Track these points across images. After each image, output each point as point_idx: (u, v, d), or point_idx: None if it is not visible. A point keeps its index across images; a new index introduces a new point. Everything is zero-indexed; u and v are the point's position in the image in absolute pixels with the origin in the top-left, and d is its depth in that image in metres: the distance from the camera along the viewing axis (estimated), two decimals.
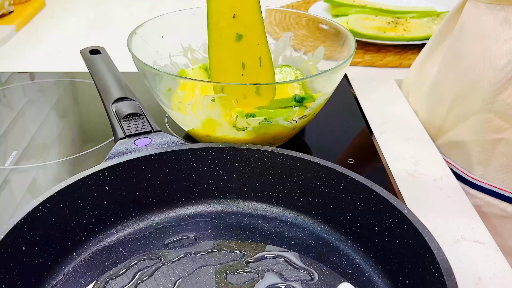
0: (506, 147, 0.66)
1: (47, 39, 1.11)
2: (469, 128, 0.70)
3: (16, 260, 0.44)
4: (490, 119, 0.67)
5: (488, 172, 0.69)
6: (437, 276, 0.41)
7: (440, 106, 0.75)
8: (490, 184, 0.69)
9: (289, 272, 0.49)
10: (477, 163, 0.70)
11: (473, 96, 0.68)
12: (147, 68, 0.62)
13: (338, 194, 0.53)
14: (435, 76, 0.77)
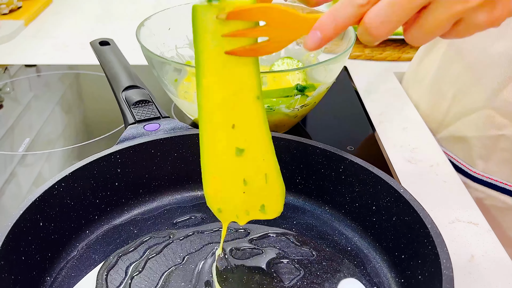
0: (507, 143, 0.68)
1: (55, 33, 1.14)
2: (470, 124, 0.72)
3: (34, 235, 0.47)
4: (492, 116, 0.69)
5: (489, 166, 0.71)
6: (430, 248, 0.43)
7: (441, 101, 0.77)
8: (491, 178, 0.71)
9: (291, 249, 0.52)
10: (478, 157, 0.72)
11: (475, 93, 0.71)
12: (154, 58, 0.64)
13: (338, 176, 0.55)
14: (436, 71, 0.79)
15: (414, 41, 0.36)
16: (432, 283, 0.41)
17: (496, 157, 0.69)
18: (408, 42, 0.37)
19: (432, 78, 0.80)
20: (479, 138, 0.71)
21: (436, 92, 0.79)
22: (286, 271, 0.49)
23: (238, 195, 0.45)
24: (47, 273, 0.48)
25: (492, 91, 0.67)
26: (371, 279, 0.49)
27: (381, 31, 0.34)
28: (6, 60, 1.00)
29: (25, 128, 0.78)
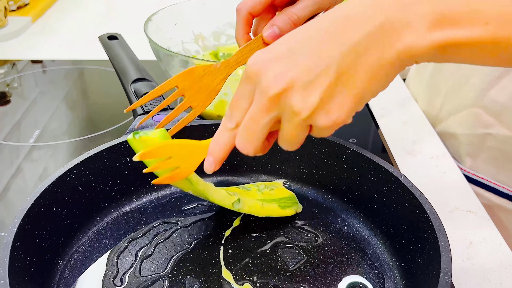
0: (494, 141, 0.70)
1: (61, 30, 1.16)
2: (459, 122, 0.74)
3: (47, 219, 0.48)
4: (479, 115, 0.71)
5: (477, 163, 0.73)
6: (430, 232, 0.45)
7: (436, 97, 0.79)
8: (478, 175, 0.73)
9: (295, 235, 0.54)
10: (466, 155, 0.74)
11: (465, 91, 0.72)
12: (162, 51, 0.66)
13: (340, 165, 0.57)
14: (433, 68, 0.81)
15: (287, 148, 0.40)
16: (431, 265, 0.43)
17: (483, 155, 0.71)
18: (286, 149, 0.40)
19: (430, 75, 0.81)
20: (467, 136, 0.73)
21: (432, 89, 0.81)
22: (290, 255, 0.51)
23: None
24: (60, 256, 0.50)
25: (480, 90, 0.69)
26: (372, 264, 0.50)
27: (249, 149, 0.39)
28: (14, 56, 1.02)
29: (33, 122, 0.79)
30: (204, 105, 0.52)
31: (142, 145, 0.45)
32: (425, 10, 0.33)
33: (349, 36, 0.34)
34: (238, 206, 0.53)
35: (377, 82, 0.35)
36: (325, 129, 0.36)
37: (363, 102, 0.36)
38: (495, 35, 0.33)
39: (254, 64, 0.36)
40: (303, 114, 0.34)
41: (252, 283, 0.48)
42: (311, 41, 0.35)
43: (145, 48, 0.76)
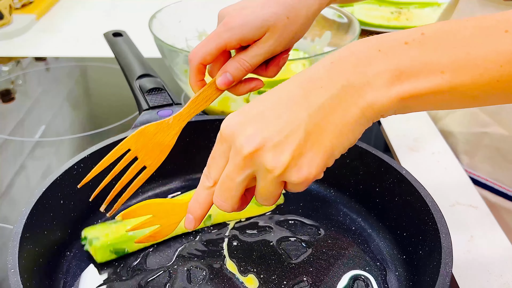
0: (490, 140, 0.71)
1: (65, 27, 1.17)
2: (457, 120, 0.75)
3: (55, 212, 0.49)
4: (476, 114, 0.72)
5: (474, 162, 0.73)
6: (431, 224, 0.46)
7: None
8: (475, 173, 0.73)
9: (298, 229, 0.55)
10: (463, 153, 0.74)
11: None
12: (166, 47, 0.67)
13: (343, 160, 0.57)
14: None
15: (264, 204, 0.40)
16: (432, 257, 0.44)
17: (480, 153, 0.71)
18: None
19: None
20: (464, 134, 0.74)
21: None
22: (294, 248, 0.52)
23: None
24: (67, 248, 0.51)
25: None
26: (374, 256, 0.51)
27: (226, 207, 0.39)
28: (18, 53, 1.03)
29: (37, 119, 0.80)
30: (158, 162, 0.52)
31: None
32: (381, 68, 0.35)
33: (315, 99, 0.35)
34: (210, 221, 0.54)
35: (344, 139, 0.36)
36: (298, 184, 0.37)
37: (333, 158, 0.37)
38: (452, 83, 0.34)
39: (227, 127, 0.38)
40: (276, 172, 0.36)
41: (256, 274, 0.48)
42: (280, 105, 0.36)
43: (149, 46, 0.77)
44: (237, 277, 0.48)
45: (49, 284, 0.46)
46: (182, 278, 0.48)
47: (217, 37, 0.48)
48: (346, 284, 0.48)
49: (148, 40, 0.76)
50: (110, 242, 0.50)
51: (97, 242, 0.49)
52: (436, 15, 1.11)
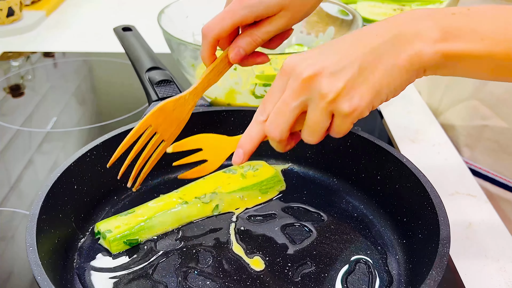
0: (491, 133, 0.73)
1: (74, 23, 1.19)
2: (458, 114, 0.77)
3: (69, 196, 0.51)
4: (477, 107, 0.73)
5: (475, 154, 0.75)
6: (430, 209, 0.48)
7: (436, 90, 0.82)
8: (476, 165, 0.75)
9: (302, 215, 0.57)
10: (464, 145, 0.76)
11: (463, 84, 0.75)
12: (174, 40, 0.69)
13: (346, 149, 0.60)
14: None
15: (307, 140, 0.44)
16: (431, 239, 0.46)
17: (481, 146, 0.73)
18: (305, 142, 0.44)
19: None
20: (465, 127, 0.75)
21: (433, 82, 0.83)
22: (298, 233, 0.54)
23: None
24: (80, 231, 0.53)
25: (478, 83, 0.72)
26: (375, 241, 0.53)
27: (276, 133, 0.43)
28: (28, 48, 1.05)
29: (47, 111, 0.83)
30: (175, 136, 0.55)
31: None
32: (430, 25, 0.39)
33: (369, 42, 0.40)
34: (218, 211, 0.57)
35: (392, 80, 0.40)
36: (346, 116, 0.40)
37: (379, 97, 0.40)
38: (489, 50, 0.38)
39: (289, 62, 0.42)
40: (329, 97, 0.39)
41: (262, 256, 0.50)
42: (338, 45, 0.41)
43: (155, 42, 0.79)
44: (243, 259, 0.50)
45: (63, 264, 0.48)
46: (191, 260, 0.50)
47: (232, 14, 0.50)
48: (348, 267, 0.50)
49: (155, 36, 0.78)
50: (123, 235, 0.51)
51: (110, 235, 0.51)
52: None
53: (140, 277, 0.48)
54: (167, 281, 0.48)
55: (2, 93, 0.88)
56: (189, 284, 0.47)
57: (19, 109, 0.83)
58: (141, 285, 0.47)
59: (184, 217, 0.55)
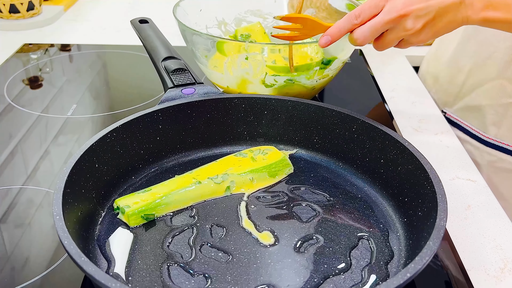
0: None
1: (92, 17, 1.23)
2: (484, 94, 0.80)
3: (91, 174, 0.55)
4: (504, 86, 0.77)
5: (501, 131, 0.79)
6: (429, 188, 0.51)
7: (458, 74, 0.85)
8: (503, 142, 0.79)
9: (309, 195, 0.60)
10: (491, 124, 0.79)
11: (489, 65, 0.78)
12: (188, 31, 0.73)
13: (351, 135, 0.63)
14: (455, 48, 0.86)
15: (378, 49, 0.63)
16: (430, 215, 0.49)
17: (507, 122, 0.77)
18: (375, 49, 0.63)
19: (451, 55, 0.87)
20: (492, 106, 0.79)
21: (454, 67, 0.86)
22: (305, 211, 0.57)
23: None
24: (100, 207, 0.56)
25: (504, 63, 0.75)
26: (378, 219, 0.56)
27: (361, 42, 0.61)
28: (47, 41, 1.10)
29: (68, 99, 0.86)
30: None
31: None
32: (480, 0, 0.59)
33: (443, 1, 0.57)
34: (230, 191, 0.60)
35: (446, 30, 0.60)
36: (410, 44, 0.61)
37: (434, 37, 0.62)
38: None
39: None
40: (408, 32, 0.59)
41: (271, 231, 0.54)
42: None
43: (169, 35, 0.82)
44: (253, 234, 0.54)
45: (85, 235, 0.52)
46: (204, 234, 0.53)
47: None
48: (352, 242, 0.53)
49: (170, 29, 0.82)
50: (140, 209, 0.55)
51: (129, 210, 0.54)
52: None
53: (156, 248, 0.52)
54: (182, 252, 0.51)
55: (21, 85, 0.92)
56: (203, 255, 0.51)
57: (39, 97, 0.87)
58: (157, 255, 0.51)
59: (197, 195, 0.58)
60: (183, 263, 0.50)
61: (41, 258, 0.54)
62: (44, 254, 0.54)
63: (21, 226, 0.58)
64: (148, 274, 0.49)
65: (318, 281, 0.48)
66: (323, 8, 0.98)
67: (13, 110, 0.81)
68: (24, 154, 0.71)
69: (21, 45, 1.06)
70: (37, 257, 0.54)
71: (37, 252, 0.55)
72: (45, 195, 0.63)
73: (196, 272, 0.49)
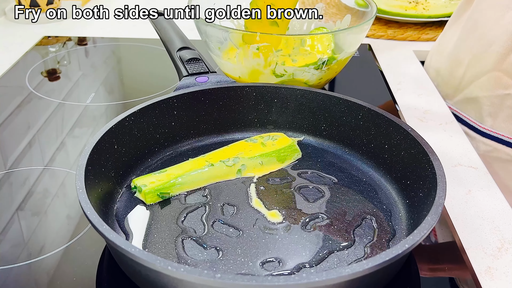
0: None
1: (108, 11, 1.27)
2: (481, 86, 0.83)
3: (110, 154, 0.58)
4: (499, 78, 0.79)
5: (497, 122, 0.81)
6: (430, 170, 0.54)
7: (458, 67, 0.87)
8: (498, 133, 0.81)
9: (316, 179, 0.63)
10: (487, 115, 0.82)
11: (486, 58, 0.81)
12: (202, 22, 0.76)
13: (357, 122, 0.66)
14: (455, 42, 0.89)
15: None
16: (430, 195, 0.51)
17: (503, 114, 0.79)
18: None
19: (452, 48, 0.90)
20: (488, 97, 0.81)
21: (454, 60, 0.89)
22: (311, 192, 0.60)
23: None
24: (119, 186, 0.60)
25: (500, 55, 0.78)
26: (381, 201, 0.59)
27: None
28: (65, 34, 1.14)
29: (88, 87, 0.90)
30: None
31: None
32: None
33: None
34: (241, 174, 0.63)
35: None
36: None
37: None
38: None
39: None
40: None
41: (279, 210, 0.57)
42: None
43: (184, 28, 0.85)
44: (262, 212, 0.57)
45: (105, 211, 0.55)
46: (216, 212, 0.57)
47: None
48: (355, 221, 0.56)
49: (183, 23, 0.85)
50: (157, 188, 0.58)
51: (146, 188, 0.58)
52: (451, 5, 1.18)
53: (171, 224, 0.55)
54: (195, 228, 0.54)
55: (40, 76, 0.96)
56: (215, 231, 0.54)
57: (59, 86, 0.91)
58: (172, 229, 0.54)
59: (210, 177, 0.62)
60: (196, 237, 0.53)
61: (63, 231, 0.57)
62: (67, 227, 0.58)
63: (43, 205, 0.62)
64: (164, 246, 0.52)
65: (322, 256, 0.51)
66: (333, 4, 1.01)
67: (35, 98, 0.85)
68: (45, 140, 0.75)
69: (41, 37, 1.10)
70: (60, 231, 0.57)
71: (60, 226, 0.58)
72: (67, 175, 0.67)
73: (208, 246, 0.52)
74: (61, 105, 0.83)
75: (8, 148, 0.72)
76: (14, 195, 0.62)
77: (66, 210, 0.61)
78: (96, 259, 0.53)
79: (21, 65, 0.98)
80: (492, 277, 0.51)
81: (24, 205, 0.61)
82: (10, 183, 0.65)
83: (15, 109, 0.81)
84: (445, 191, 0.49)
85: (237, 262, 0.50)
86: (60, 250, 0.54)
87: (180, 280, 0.41)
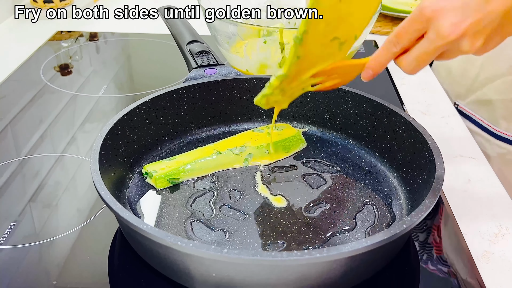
0: None
1: (120, 7, 1.30)
2: (495, 89, 0.84)
3: (122, 141, 0.61)
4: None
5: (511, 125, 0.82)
6: (429, 157, 0.56)
7: (471, 68, 0.88)
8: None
9: (320, 167, 0.65)
10: (501, 118, 0.83)
11: (500, 62, 0.82)
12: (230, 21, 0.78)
13: (360, 113, 0.68)
14: None
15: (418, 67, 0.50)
16: (429, 181, 0.53)
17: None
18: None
19: None
20: (502, 101, 0.82)
21: (467, 60, 0.90)
22: (315, 180, 0.62)
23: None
24: (130, 171, 0.62)
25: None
26: (383, 188, 0.61)
27: (414, 71, 0.50)
28: (78, 29, 1.16)
29: (100, 79, 0.93)
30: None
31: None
32: None
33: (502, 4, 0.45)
34: (247, 162, 0.65)
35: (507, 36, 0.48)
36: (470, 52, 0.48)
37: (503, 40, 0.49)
38: None
39: (430, 8, 0.45)
40: (469, 52, 0.47)
41: (283, 196, 0.59)
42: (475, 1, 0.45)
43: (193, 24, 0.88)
44: (267, 198, 0.59)
45: (117, 194, 0.58)
46: (223, 197, 0.59)
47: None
48: (357, 207, 0.58)
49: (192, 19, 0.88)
50: (167, 173, 0.61)
51: (156, 174, 0.60)
52: None
53: (180, 207, 0.57)
54: (203, 211, 0.57)
55: (52, 71, 0.99)
56: (222, 214, 0.56)
57: (73, 76, 0.94)
58: (181, 213, 0.57)
59: (218, 164, 0.64)
60: (204, 220, 0.55)
61: (77, 213, 0.60)
62: (82, 210, 0.60)
63: (58, 190, 0.64)
64: (173, 228, 0.54)
65: (325, 238, 0.53)
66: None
67: (49, 90, 0.88)
68: (59, 131, 0.78)
69: (54, 32, 1.13)
70: (75, 213, 0.60)
71: (74, 209, 0.61)
72: (82, 162, 0.69)
73: (216, 228, 0.54)
74: (75, 96, 0.86)
75: (23, 136, 0.75)
76: (30, 182, 0.65)
77: (80, 194, 0.64)
78: (108, 240, 0.56)
79: (35, 59, 1.01)
80: (489, 260, 0.53)
81: (40, 190, 0.64)
82: (26, 170, 0.68)
83: (30, 101, 0.84)
84: (443, 177, 0.51)
85: (243, 243, 0.52)
86: (77, 230, 0.57)
87: (190, 255, 0.44)
